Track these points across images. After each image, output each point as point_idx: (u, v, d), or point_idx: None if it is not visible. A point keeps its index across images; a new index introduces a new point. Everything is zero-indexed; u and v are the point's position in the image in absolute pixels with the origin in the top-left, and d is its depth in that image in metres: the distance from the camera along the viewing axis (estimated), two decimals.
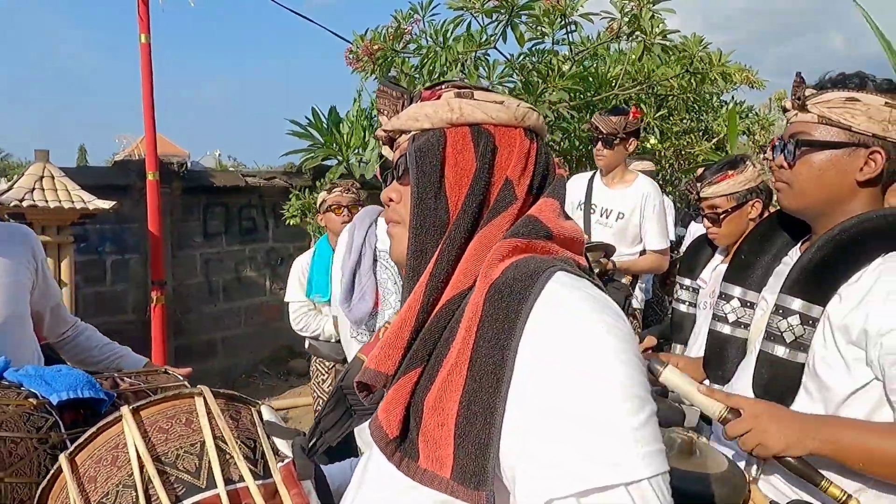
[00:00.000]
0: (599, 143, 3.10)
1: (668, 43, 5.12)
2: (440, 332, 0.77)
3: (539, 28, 5.24)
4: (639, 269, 3.14)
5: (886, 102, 1.20)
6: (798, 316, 1.21)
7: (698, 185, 2.15)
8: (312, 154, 4.52)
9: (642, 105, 6.84)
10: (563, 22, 5.09)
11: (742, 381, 1.35)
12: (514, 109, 0.87)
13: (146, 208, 4.28)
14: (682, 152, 8.32)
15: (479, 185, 0.82)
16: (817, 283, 1.21)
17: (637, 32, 4.98)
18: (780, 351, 1.24)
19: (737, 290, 1.46)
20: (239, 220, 5.26)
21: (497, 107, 0.86)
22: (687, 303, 2.29)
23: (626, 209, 3.11)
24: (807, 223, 1.36)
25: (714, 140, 8.44)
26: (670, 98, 6.85)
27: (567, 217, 0.86)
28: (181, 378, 1.49)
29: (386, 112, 0.93)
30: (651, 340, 2.53)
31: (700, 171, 2.25)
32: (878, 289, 1.14)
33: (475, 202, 0.82)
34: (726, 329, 1.46)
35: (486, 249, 0.80)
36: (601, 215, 3.16)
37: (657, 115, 6.81)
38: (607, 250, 2.99)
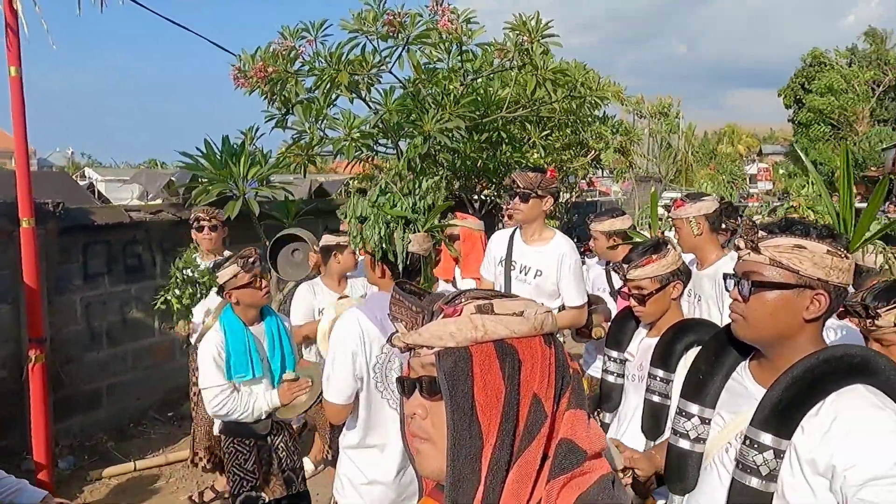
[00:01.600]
0: (517, 197, 3.17)
1: (558, 80, 5.35)
2: None
3: (434, 55, 5.29)
4: (560, 325, 3.26)
5: (828, 251, 1.35)
6: (772, 451, 1.33)
7: (624, 266, 2.27)
8: (207, 188, 4.25)
9: (527, 125, 7.13)
10: (458, 50, 5.17)
11: (709, 500, 1.45)
12: (533, 319, 0.88)
13: (15, 253, 3.80)
14: (563, 166, 8.77)
15: (511, 407, 0.83)
16: (785, 419, 1.33)
17: (528, 65, 5.16)
18: (755, 482, 1.34)
19: (695, 408, 1.55)
20: (123, 259, 4.83)
21: (518, 320, 0.87)
22: (615, 374, 2.41)
23: (544, 267, 3.21)
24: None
25: (590, 155, 8.99)
26: (553, 119, 7.18)
27: (590, 417, 0.89)
28: None
29: (404, 322, 0.93)
30: None
31: (627, 253, 2.37)
32: (839, 426, 1.28)
33: (510, 427, 0.83)
34: (686, 445, 1.55)
35: (527, 482, 0.81)
36: (520, 272, 3.25)
37: (542, 134, 7.12)
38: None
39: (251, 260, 2.84)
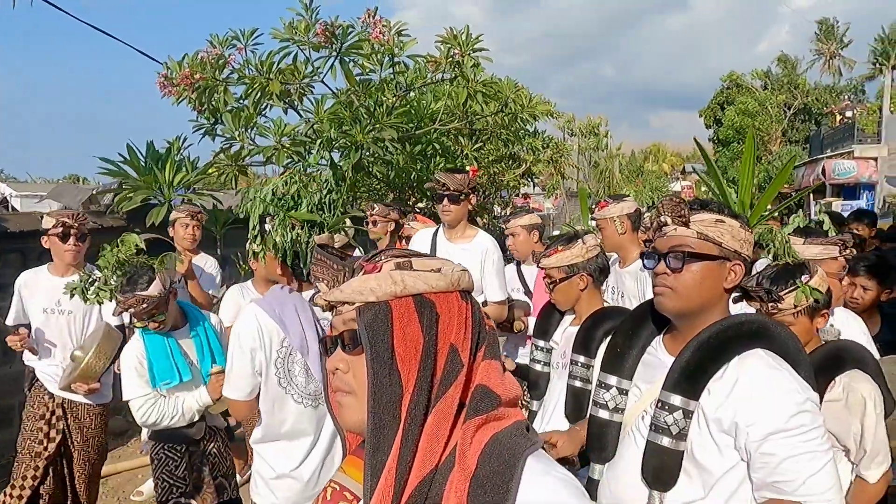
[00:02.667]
0: (446, 199, 3.23)
1: (489, 92, 5.48)
2: None
3: (366, 66, 5.33)
4: None
5: (741, 225, 1.47)
6: (681, 411, 1.42)
7: (540, 254, 2.40)
8: (130, 194, 4.12)
9: (460, 138, 7.25)
10: (390, 62, 5.23)
11: (627, 465, 1.53)
12: (451, 275, 0.93)
13: None
14: (496, 179, 8.95)
15: (429, 357, 0.87)
16: (693, 381, 1.43)
17: (459, 78, 5.27)
18: (666, 441, 1.44)
19: (613, 380, 1.64)
20: None
21: (436, 276, 0.91)
22: (542, 363, 2.49)
23: (469, 264, 3.27)
24: (665, 318, 1.57)
25: (522, 167, 9.20)
26: (486, 132, 7.33)
27: (504, 370, 0.94)
28: None
29: (326, 281, 0.96)
30: None
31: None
32: (740, 387, 1.39)
33: (427, 375, 0.87)
34: (605, 415, 1.64)
35: (444, 426, 0.85)
36: None
37: (474, 147, 7.25)
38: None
39: (128, 308, 2.64)
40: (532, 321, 3.24)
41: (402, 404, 0.86)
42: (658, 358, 1.58)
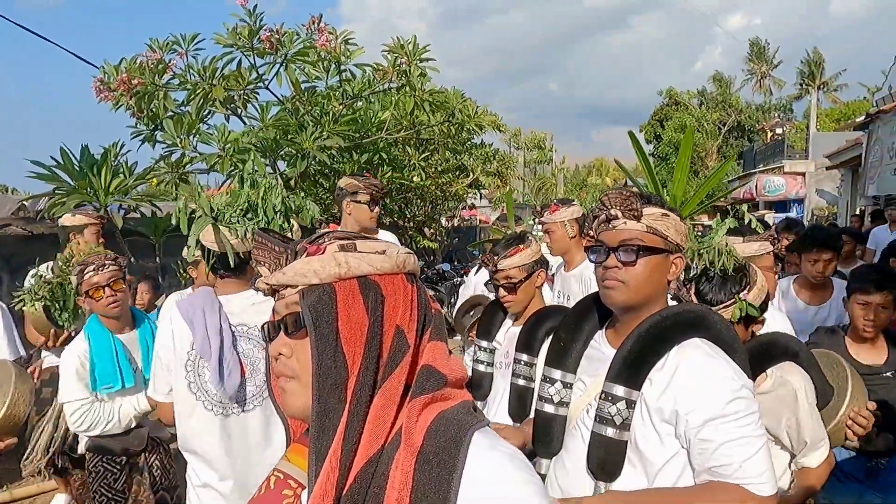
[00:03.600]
0: (376, 206, 3.39)
1: (435, 101, 5.52)
2: (362, 498, 0.81)
3: (312, 73, 5.29)
4: None
5: (682, 219, 1.52)
6: (624, 401, 1.45)
7: (494, 258, 2.39)
8: (62, 200, 3.95)
9: (408, 148, 7.27)
10: (337, 70, 5.21)
11: (573, 458, 1.55)
12: (396, 257, 0.91)
13: None
14: (444, 188, 9.00)
15: (374, 338, 0.86)
16: (634, 371, 1.46)
17: (405, 87, 5.30)
18: (611, 432, 1.46)
19: (557, 374, 1.65)
20: None
21: (381, 257, 0.90)
22: (485, 363, 2.50)
23: None
24: (607, 312, 1.60)
25: (470, 178, 9.29)
26: (432, 142, 7.36)
27: (450, 352, 0.93)
28: None
29: (267, 265, 0.92)
30: None
31: (492, 245, 2.49)
32: (679, 376, 1.43)
33: (373, 357, 0.85)
34: (551, 409, 1.65)
35: (391, 406, 0.85)
36: None
37: (422, 156, 7.28)
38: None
39: (91, 267, 2.66)
40: None
41: (348, 387, 0.84)
42: (601, 351, 1.60)
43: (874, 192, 7.60)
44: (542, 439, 1.67)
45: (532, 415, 1.89)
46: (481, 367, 2.51)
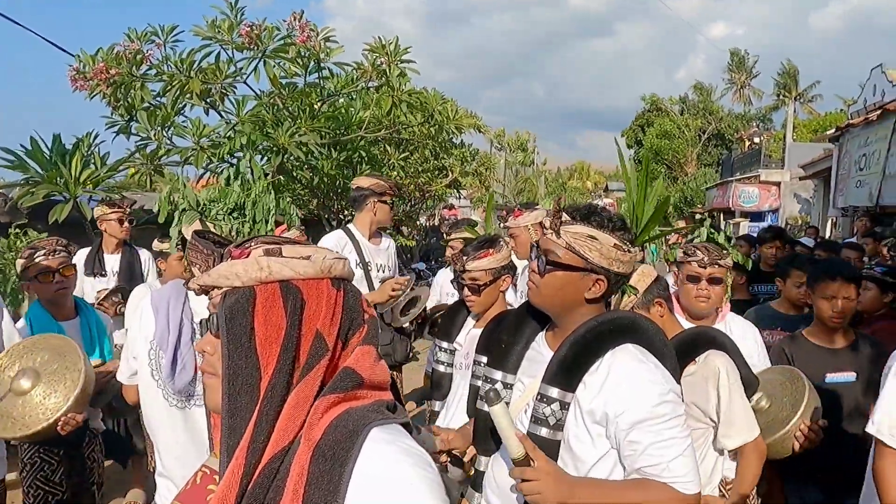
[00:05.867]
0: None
1: (414, 101, 5.54)
2: (265, 493, 0.82)
3: (291, 69, 5.27)
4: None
5: (615, 244, 1.53)
6: (558, 403, 1.50)
7: (463, 258, 2.42)
8: (31, 189, 3.89)
9: (388, 147, 7.27)
10: (316, 67, 5.20)
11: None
12: (321, 263, 0.93)
13: None
14: (423, 188, 9.01)
15: (291, 341, 0.88)
16: (569, 374, 1.51)
17: (385, 87, 5.31)
18: (545, 432, 1.51)
19: (498, 374, 1.69)
20: None
21: (304, 263, 0.92)
22: (445, 364, 2.53)
23: (386, 262, 3.49)
24: (546, 315, 1.66)
25: (449, 178, 9.31)
26: (412, 142, 7.37)
27: (380, 358, 0.96)
28: None
29: (198, 266, 0.97)
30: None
31: (463, 247, 2.52)
32: (611, 379, 1.48)
33: (288, 359, 0.87)
34: None
35: (303, 406, 0.86)
36: (377, 271, 3.41)
37: (401, 156, 7.29)
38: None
39: (42, 251, 2.64)
40: None
41: (260, 387, 0.86)
42: (540, 353, 1.64)
43: (841, 203, 7.78)
44: (482, 438, 1.71)
45: None
46: (441, 368, 2.55)
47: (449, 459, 1.89)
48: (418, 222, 9.42)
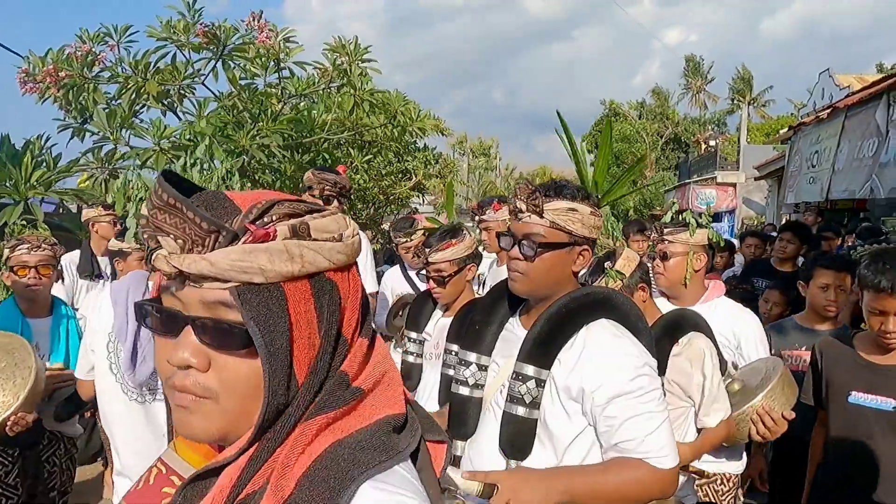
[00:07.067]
0: (321, 201, 3.21)
1: (375, 101, 5.52)
2: None
3: (251, 70, 5.21)
4: None
5: (592, 212, 1.54)
6: (534, 381, 1.49)
7: (426, 250, 2.41)
8: None
9: (351, 149, 7.23)
10: (276, 67, 5.15)
11: (487, 438, 1.57)
12: (352, 244, 0.71)
13: None
14: (387, 191, 8.98)
15: (325, 360, 0.68)
16: (544, 351, 1.50)
17: (346, 86, 5.28)
18: (521, 411, 1.49)
19: (472, 356, 1.66)
20: None
21: (337, 246, 0.68)
22: (414, 354, 2.51)
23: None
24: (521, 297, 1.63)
25: (413, 181, 9.30)
26: (375, 144, 7.35)
27: (374, 337, 0.76)
28: None
29: (174, 236, 0.64)
30: None
31: (426, 239, 2.51)
32: (586, 355, 1.47)
33: (318, 381, 0.68)
34: (466, 391, 1.66)
35: (307, 434, 0.67)
36: None
37: (364, 158, 7.25)
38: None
39: (26, 245, 2.63)
40: None
41: (284, 412, 0.66)
42: (514, 333, 1.63)
43: (792, 199, 8.03)
44: (457, 421, 1.68)
45: None
46: (410, 359, 2.53)
47: None
48: (381, 226, 9.38)
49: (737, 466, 2.37)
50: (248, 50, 4.94)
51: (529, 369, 1.50)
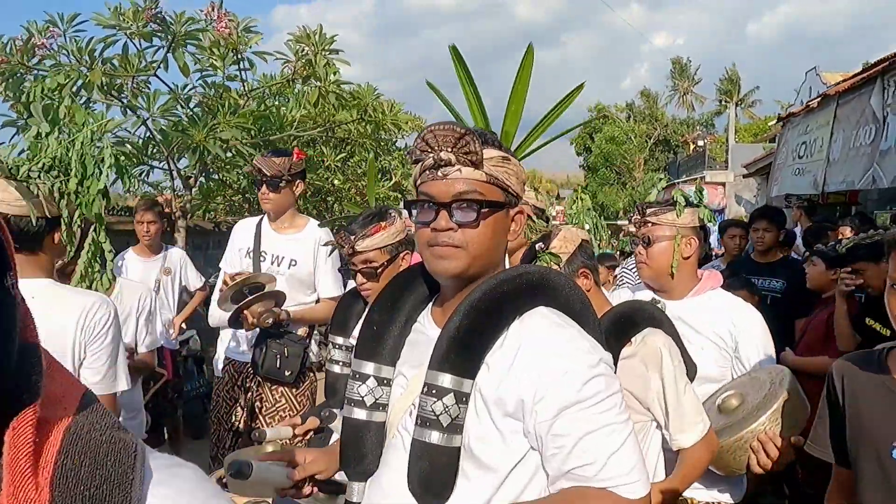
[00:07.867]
0: (264, 186, 2.88)
1: (342, 92, 5.21)
2: None
3: (209, 60, 4.89)
4: (314, 319, 2.98)
5: (518, 161, 1.21)
6: (452, 394, 1.09)
7: (351, 238, 1.99)
8: None
9: (323, 148, 6.91)
10: (234, 57, 4.83)
11: (393, 478, 1.16)
12: None
13: None
14: (364, 192, 8.65)
15: None
16: (465, 354, 1.11)
17: (312, 78, 4.97)
18: (436, 437, 1.09)
19: (370, 367, 1.25)
20: None
21: None
22: (341, 363, 2.05)
23: (298, 255, 2.94)
24: (433, 284, 1.27)
25: (392, 181, 8.97)
26: (350, 142, 7.03)
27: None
28: None
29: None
30: (314, 422, 2.23)
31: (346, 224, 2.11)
32: (523, 355, 1.10)
33: None
34: (362, 414, 1.24)
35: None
36: (272, 263, 2.94)
37: (338, 157, 6.93)
38: (277, 298, 2.77)
39: None
40: None
41: None
42: (426, 334, 1.24)
43: (776, 192, 7.77)
44: (351, 455, 1.26)
45: None
46: (336, 369, 2.07)
47: (315, 488, 1.48)
48: None
49: (737, 495, 1.95)
50: (203, 38, 4.62)
51: (446, 379, 1.10)
